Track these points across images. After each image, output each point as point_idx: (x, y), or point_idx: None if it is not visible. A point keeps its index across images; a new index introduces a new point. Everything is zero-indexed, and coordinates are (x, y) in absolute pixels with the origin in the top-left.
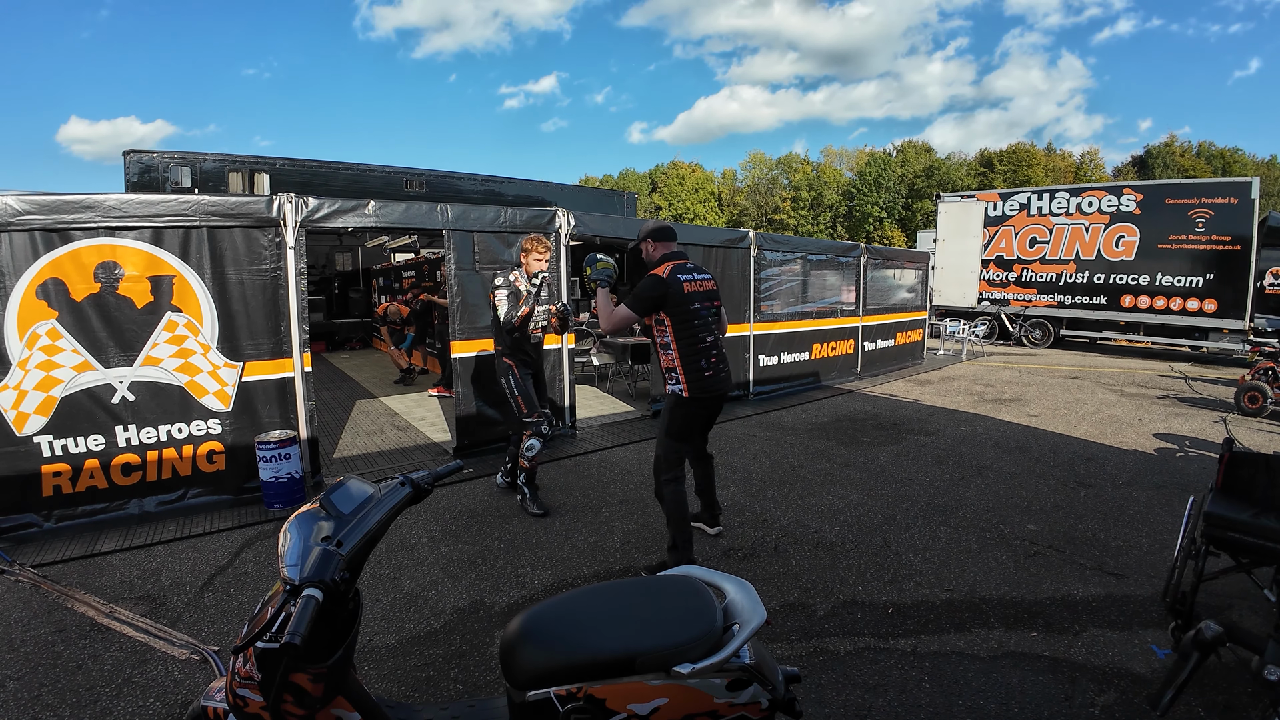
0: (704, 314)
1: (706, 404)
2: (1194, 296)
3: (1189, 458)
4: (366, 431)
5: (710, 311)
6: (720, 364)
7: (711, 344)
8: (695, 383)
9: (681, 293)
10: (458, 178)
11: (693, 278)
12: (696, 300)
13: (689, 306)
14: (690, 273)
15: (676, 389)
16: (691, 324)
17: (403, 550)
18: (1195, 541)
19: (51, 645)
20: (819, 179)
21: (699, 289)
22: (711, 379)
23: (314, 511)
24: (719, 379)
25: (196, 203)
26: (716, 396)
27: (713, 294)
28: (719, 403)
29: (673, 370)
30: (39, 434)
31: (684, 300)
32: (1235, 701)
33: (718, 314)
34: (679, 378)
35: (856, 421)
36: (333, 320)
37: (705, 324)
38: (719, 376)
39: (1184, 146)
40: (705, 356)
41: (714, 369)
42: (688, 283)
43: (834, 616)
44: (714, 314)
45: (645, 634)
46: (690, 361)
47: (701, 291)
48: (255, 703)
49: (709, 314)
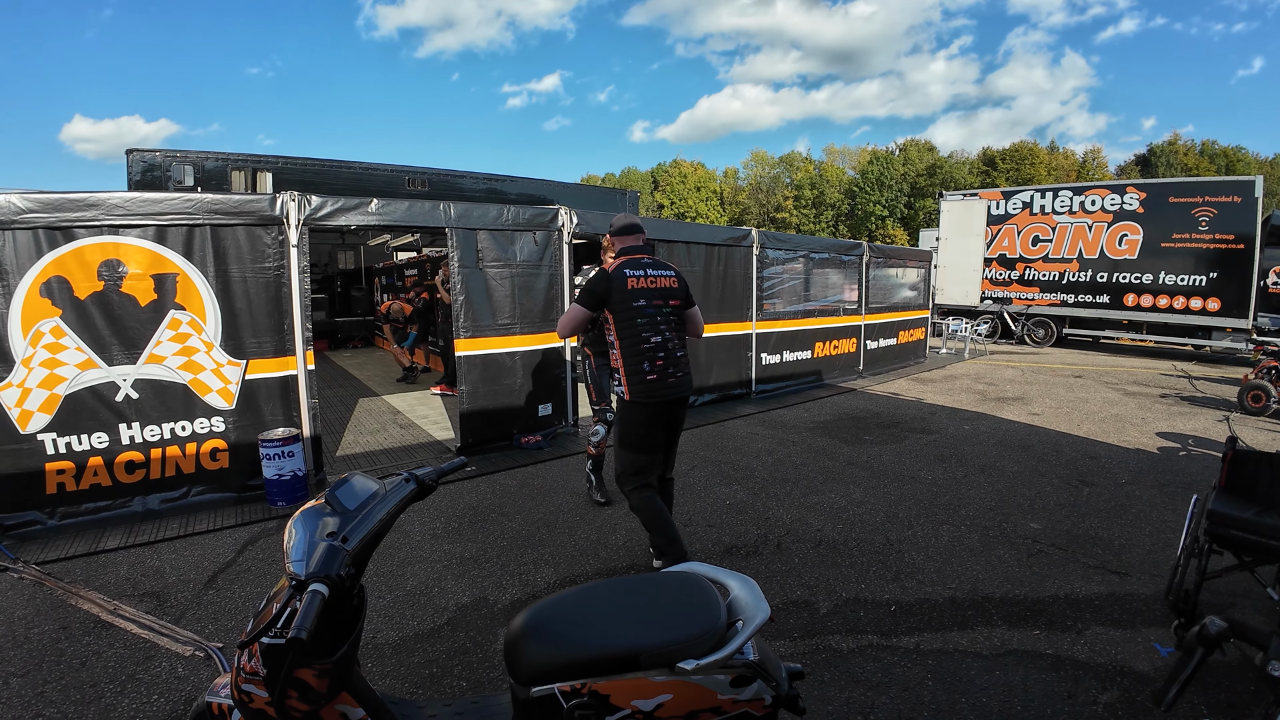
0: (649, 312)
1: (649, 409)
2: (1197, 295)
3: (1192, 456)
4: (369, 429)
5: (660, 311)
6: (669, 367)
7: (656, 345)
8: (636, 385)
9: (624, 288)
10: (460, 176)
11: (642, 274)
12: (642, 298)
13: (631, 304)
14: (641, 269)
15: (619, 390)
16: (634, 322)
17: (406, 548)
18: (1198, 540)
19: (55, 642)
20: (821, 177)
21: (648, 285)
22: (654, 383)
23: (319, 507)
24: (664, 384)
25: (200, 201)
26: (661, 402)
27: (669, 292)
28: (668, 409)
29: (616, 371)
30: (43, 432)
31: (626, 296)
32: (1238, 700)
33: (672, 314)
34: (621, 379)
35: (859, 420)
36: (335, 318)
37: (651, 323)
38: (665, 381)
39: (1187, 145)
40: (648, 358)
41: (658, 372)
42: (633, 278)
43: (837, 614)
44: (665, 314)
45: (649, 630)
46: (631, 362)
47: (651, 289)
48: (260, 698)
49: (656, 313)
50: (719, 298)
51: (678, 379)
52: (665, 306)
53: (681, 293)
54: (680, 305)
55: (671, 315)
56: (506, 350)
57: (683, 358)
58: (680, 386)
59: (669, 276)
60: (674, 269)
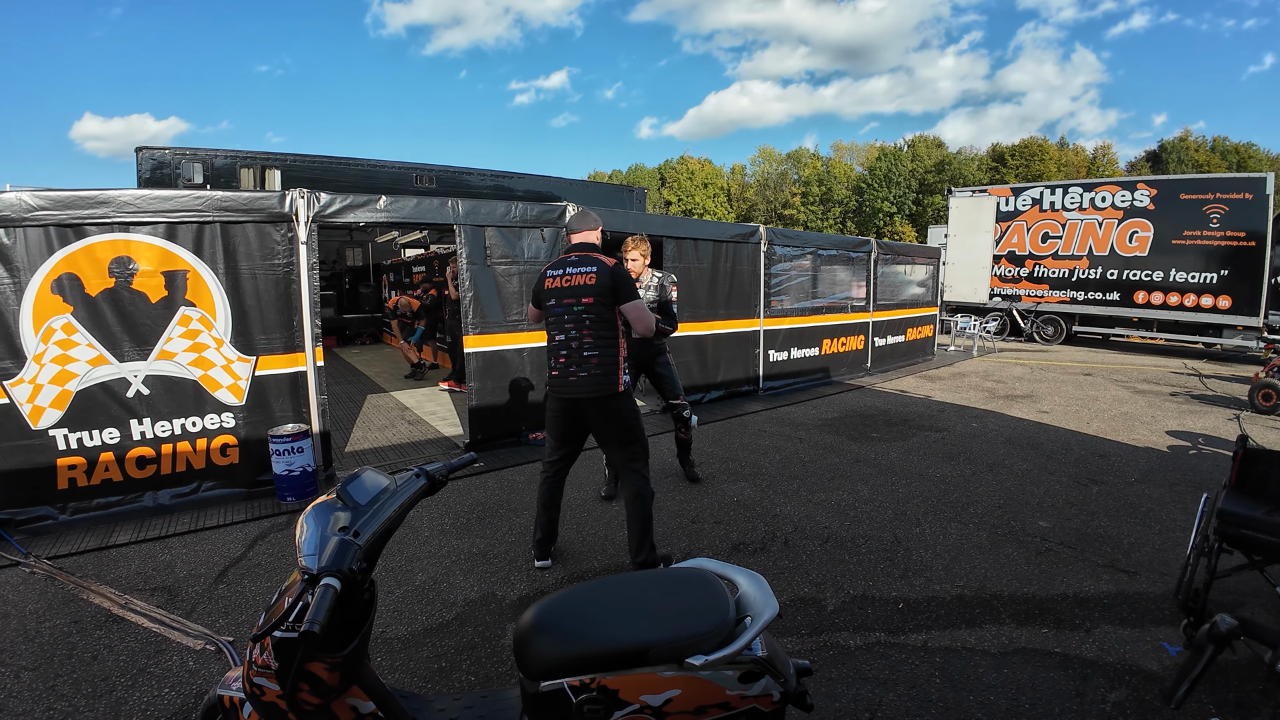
0: (557, 311)
1: (555, 403)
2: (1208, 293)
3: (1202, 455)
4: (378, 425)
5: (569, 310)
6: (570, 365)
7: (560, 343)
8: (549, 379)
9: (542, 288)
10: (468, 173)
11: (561, 272)
12: (553, 297)
13: (545, 304)
14: (562, 267)
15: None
16: (548, 321)
17: (415, 543)
18: (1208, 539)
19: (67, 636)
20: (829, 174)
21: (561, 285)
22: (556, 379)
23: (331, 502)
24: (564, 381)
25: (210, 198)
26: (564, 400)
27: (581, 290)
28: (574, 407)
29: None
30: (54, 427)
31: (543, 296)
32: (1247, 699)
33: (584, 313)
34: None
35: (866, 417)
36: (344, 315)
37: (558, 321)
38: (565, 380)
39: (1198, 141)
40: (554, 354)
41: (560, 370)
42: (550, 279)
43: (844, 611)
44: (575, 312)
45: (658, 626)
46: (548, 358)
47: (563, 288)
48: (272, 691)
49: (565, 311)
50: (726, 294)
51: (579, 379)
52: (576, 305)
53: (599, 290)
54: (595, 302)
55: (583, 314)
56: (515, 347)
57: (591, 357)
58: (580, 386)
59: (586, 274)
60: (600, 264)
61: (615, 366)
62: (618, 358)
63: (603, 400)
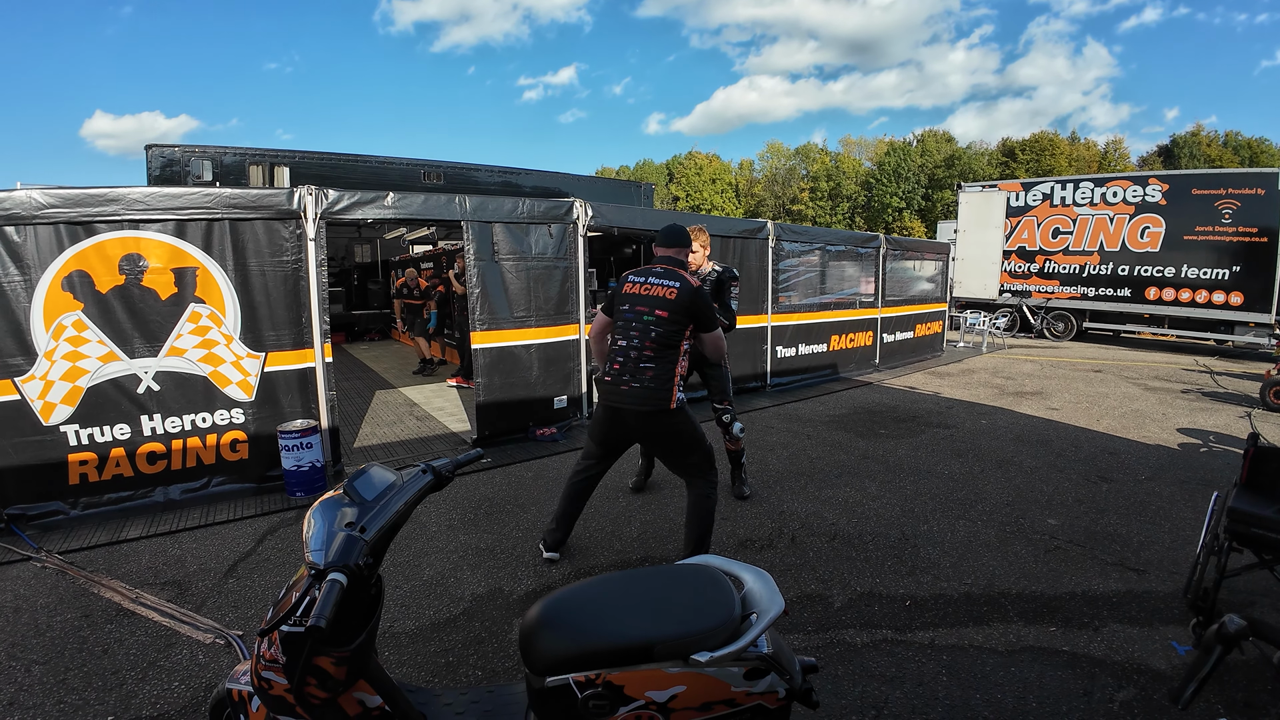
0: (628, 316)
1: (602, 408)
2: (1220, 289)
3: (1213, 453)
4: (386, 421)
5: (640, 317)
6: (624, 374)
7: (621, 349)
8: (599, 383)
9: (620, 292)
10: (475, 169)
11: (644, 280)
12: (628, 302)
13: (619, 307)
14: (645, 275)
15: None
16: (616, 325)
17: (422, 538)
18: (1218, 537)
19: (78, 630)
20: (837, 169)
21: (639, 292)
22: (608, 385)
23: (338, 498)
24: (615, 389)
25: (219, 195)
26: (609, 407)
27: (657, 302)
28: (618, 416)
29: None
30: (65, 423)
31: (620, 300)
32: (1256, 699)
33: (655, 324)
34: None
35: (875, 414)
36: (352, 311)
37: (626, 325)
38: (616, 387)
39: (1210, 136)
40: (611, 359)
41: (613, 375)
42: (630, 284)
43: (851, 608)
44: (646, 322)
45: (664, 622)
46: (607, 359)
47: (641, 295)
48: (279, 685)
49: (635, 319)
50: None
51: (630, 389)
52: (648, 314)
53: (677, 306)
54: (669, 317)
55: (651, 325)
56: (522, 343)
57: (646, 369)
58: (629, 396)
59: (668, 287)
60: (685, 283)
61: (670, 382)
62: (674, 374)
63: (650, 415)
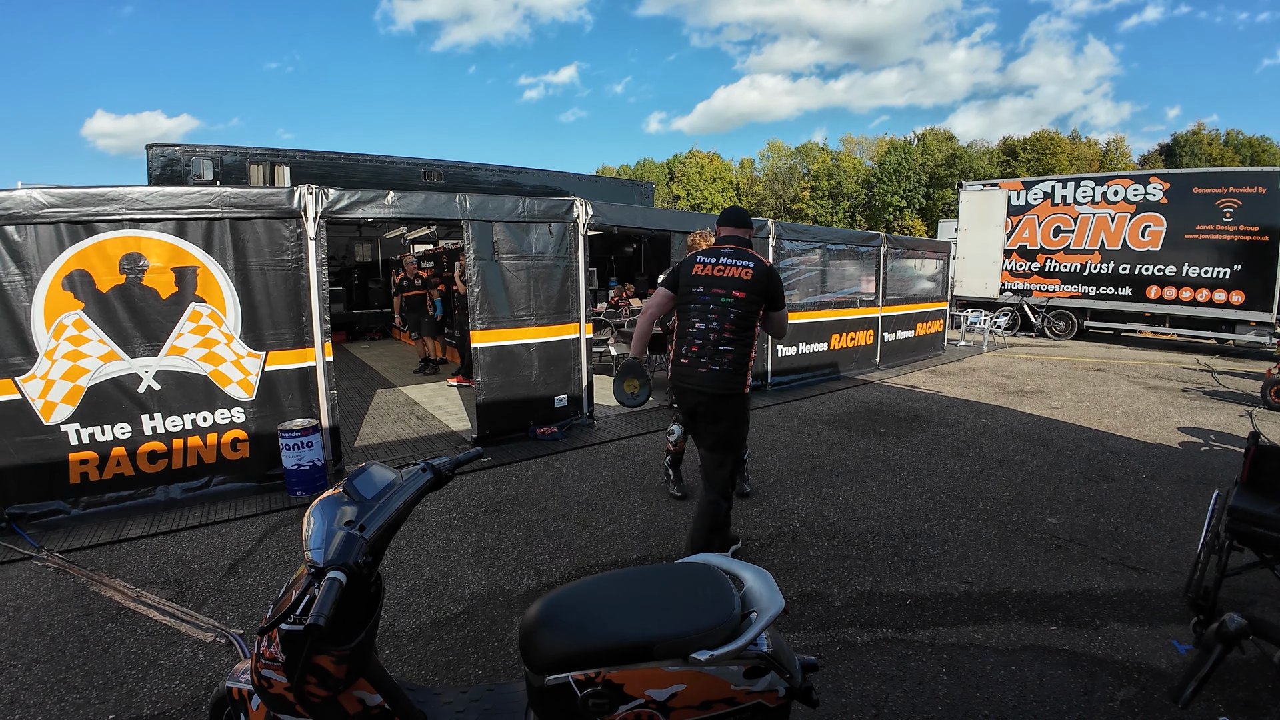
0: (703, 299)
1: (679, 393)
2: (1221, 288)
3: (1214, 452)
4: (386, 420)
5: (715, 299)
6: (702, 356)
7: (698, 332)
8: (674, 367)
9: (689, 274)
10: (476, 168)
11: (714, 261)
12: (700, 284)
13: (690, 289)
14: (715, 256)
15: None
16: (688, 306)
17: (423, 537)
18: (1219, 536)
19: (79, 629)
20: (838, 168)
21: (712, 273)
22: (684, 368)
23: (337, 496)
24: (693, 372)
25: (219, 195)
26: (686, 389)
27: (734, 283)
28: (693, 398)
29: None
30: (66, 422)
31: (688, 282)
32: (1256, 698)
33: (732, 306)
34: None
35: (875, 412)
36: (353, 311)
37: (702, 309)
38: (694, 370)
39: (1212, 135)
40: (687, 342)
41: (690, 359)
42: (700, 265)
43: (851, 607)
44: (723, 303)
45: (663, 620)
46: (677, 343)
47: (714, 276)
48: (279, 684)
49: (712, 301)
50: None
51: (709, 371)
52: (725, 296)
53: (753, 286)
54: (746, 298)
55: (730, 307)
56: (522, 342)
57: (726, 351)
58: (706, 379)
59: (742, 268)
60: (758, 263)
61: (746, 366)
62: (750, 357)
63: (723, 398)
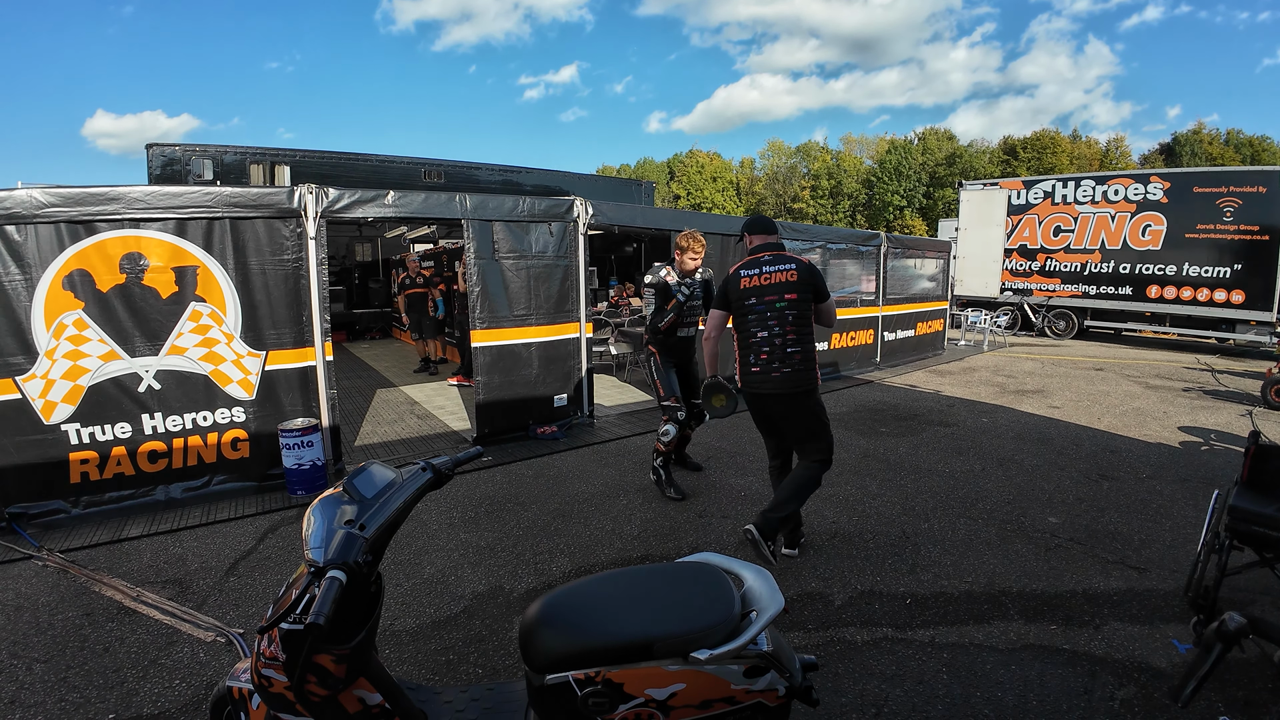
0: (759, 308)
1: (760, 400)
2: (1221, 287)
3: (1214, 451)
4: (387, 420)
5: (770, 306)
6: (773, 362)
7: (761, 340)
8: (745, 376)
9: (737, 289)
10: (476, 168)
11: (758, 272)
12: (752, 295)
13: (744, 302)
14: (758, 267)
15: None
16: (745, 319)
17: (423, 536)
18: (1219, 535)
19: (79, 628)
20: (838, 167)
21: (760, 283)
22: (757, 375)
23: (337, 495)
24: (767, 377)
25: (219, 194)
26: (762, 395)
27: (783, 287)
28: (769, 402)
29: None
30: (67, 422)
31: (739, 296)
32: (1256, 697)
33: (788, 309)
34: (734, 368)
35: (875, 412)
36: (353, 310)
37: (760, 319)
38: (767, 375)
39: (1212, 134)
40: (754, 351)
41: (761, 366)
42: (746, 278)
43: (852, 606)
44: (778, 309)
45: (663, 620)
46: (742, 355)
47: (762, 285)
48: (279, 683)
49: (767, 309)
50: None
51: (783, 374)
52: (779, 301)
53: (801, 285)
54: (798, 298)
55: (787, 310)
56: (522, 341)
57: (795, 352)
58: (782, 382)
59: (786, 271)
60: (798, 262)
61: (814, 362)
62: (814, 352)
63: (797, 396)
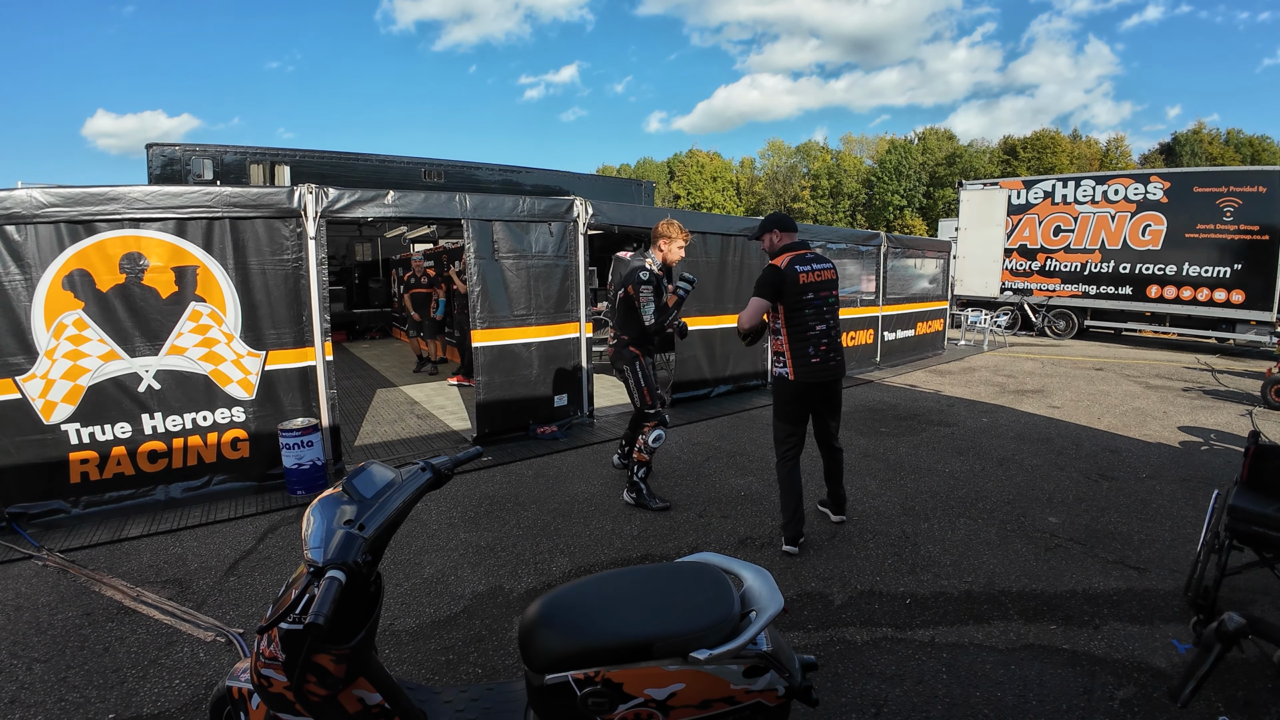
0: (816, 304)
1: (813, 389)
2: (1221, 287)
3: (1214, 451)
4: (387, 420)
5: (825, 301)
6: (830, 351)
7: (821, 333)
8: (801, 368)
9: (797, 283)
10: (476, 168)
11: (810, 268)
12: (811, 291)
13: (802, 296)
14: (809, 263)
15: (782, 372)
16: (802, 313)
17: (423, 536)
18: (1219, 535)
19: (79, 628)
20: (838, 167)
21: (816, 279)
22: (818, 365)
23: (337, 495)
24: (826, 366)
25: (219, 194)
26: (822, 383)
27: (831, 283)
28: (825, 390)
29: (781, 355)
30: (67, 422)
31: (799, 290)
32: (1255, 697)
33: (836, 304)
34: (786, 362)
35: (875, 412)
36: (353, 310)
37: (818, 313)
38: (827, 364)
39: (1212, 134)
40: (814, 344)
41: (821, 356)
42: (804, 274)
43: (851, 606)
44: (831, 304)
45: (663, 620)
46: (798, 348)
47: (818, 282)
48: (279, 683)
49: (822, 304)
50: (735, 288)
51: (838, 361)
52: (831, 296)
53: (837, 282)
54: (838, 294)
55: (835, 304)
56: (522, 341)
57: (840, 343)
58: (841, 368)
59: (829, 269)
60: (830, 261)
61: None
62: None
63: (840, 381)
